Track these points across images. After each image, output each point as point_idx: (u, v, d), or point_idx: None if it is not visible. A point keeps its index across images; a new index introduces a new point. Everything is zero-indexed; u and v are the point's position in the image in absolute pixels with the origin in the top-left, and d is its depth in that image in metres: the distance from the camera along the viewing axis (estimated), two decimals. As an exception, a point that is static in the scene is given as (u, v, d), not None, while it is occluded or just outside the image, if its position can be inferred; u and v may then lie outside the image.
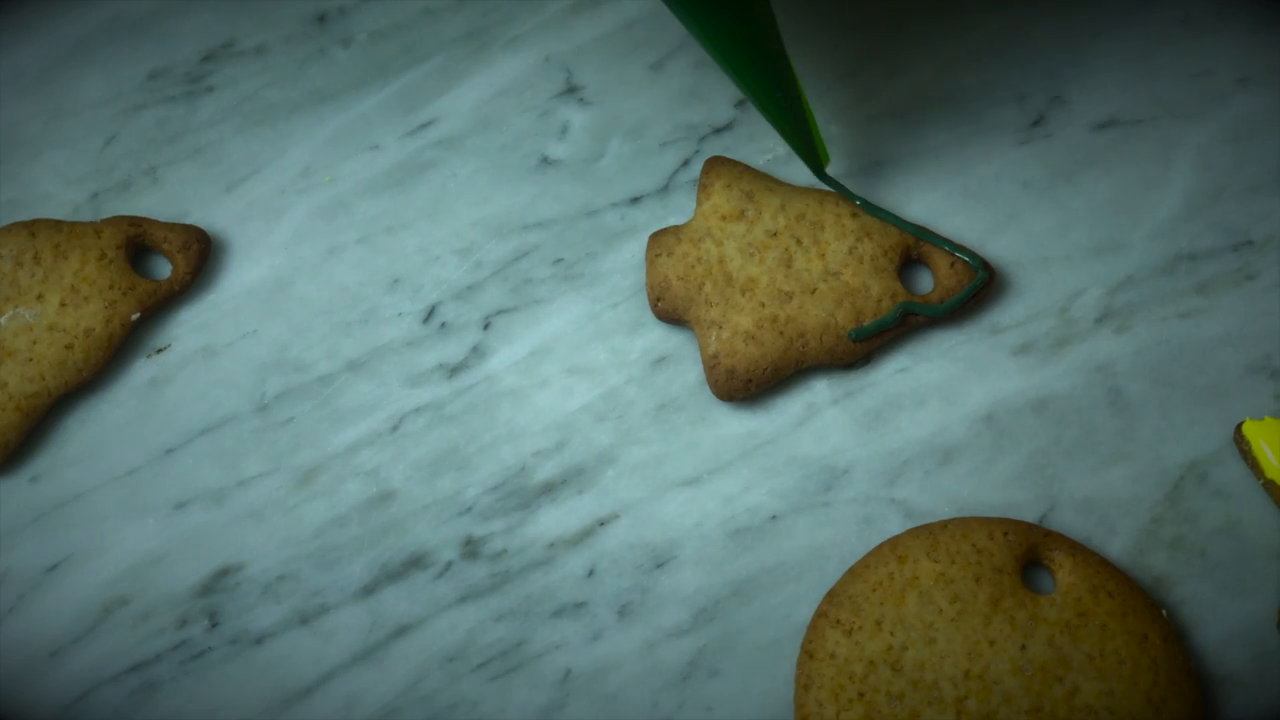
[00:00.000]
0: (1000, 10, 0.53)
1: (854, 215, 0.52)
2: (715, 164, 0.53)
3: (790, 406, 0.51)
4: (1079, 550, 0.48)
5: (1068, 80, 0.55)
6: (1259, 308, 0.52)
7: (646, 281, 0.52)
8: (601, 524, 0.50)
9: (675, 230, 0.52)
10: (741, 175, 0.53)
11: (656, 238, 0.52)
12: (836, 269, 0.51)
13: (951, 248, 0.51)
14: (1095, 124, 0.55)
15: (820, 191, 0.52)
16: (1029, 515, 0.49)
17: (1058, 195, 0.54)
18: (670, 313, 0.51)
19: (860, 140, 0.54)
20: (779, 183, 0.53)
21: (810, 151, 0.50)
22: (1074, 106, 0.53)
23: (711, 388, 0.51)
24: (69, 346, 0.50)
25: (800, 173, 0.54)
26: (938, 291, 0.51)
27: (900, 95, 0.55)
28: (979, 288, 0.51)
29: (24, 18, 0.56)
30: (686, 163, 0.54)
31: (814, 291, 0.51)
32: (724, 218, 0.52)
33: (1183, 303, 0.52)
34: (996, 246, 0.53)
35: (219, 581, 0.49)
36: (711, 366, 0.50)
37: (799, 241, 0.51)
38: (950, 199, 0.53)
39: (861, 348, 0.51)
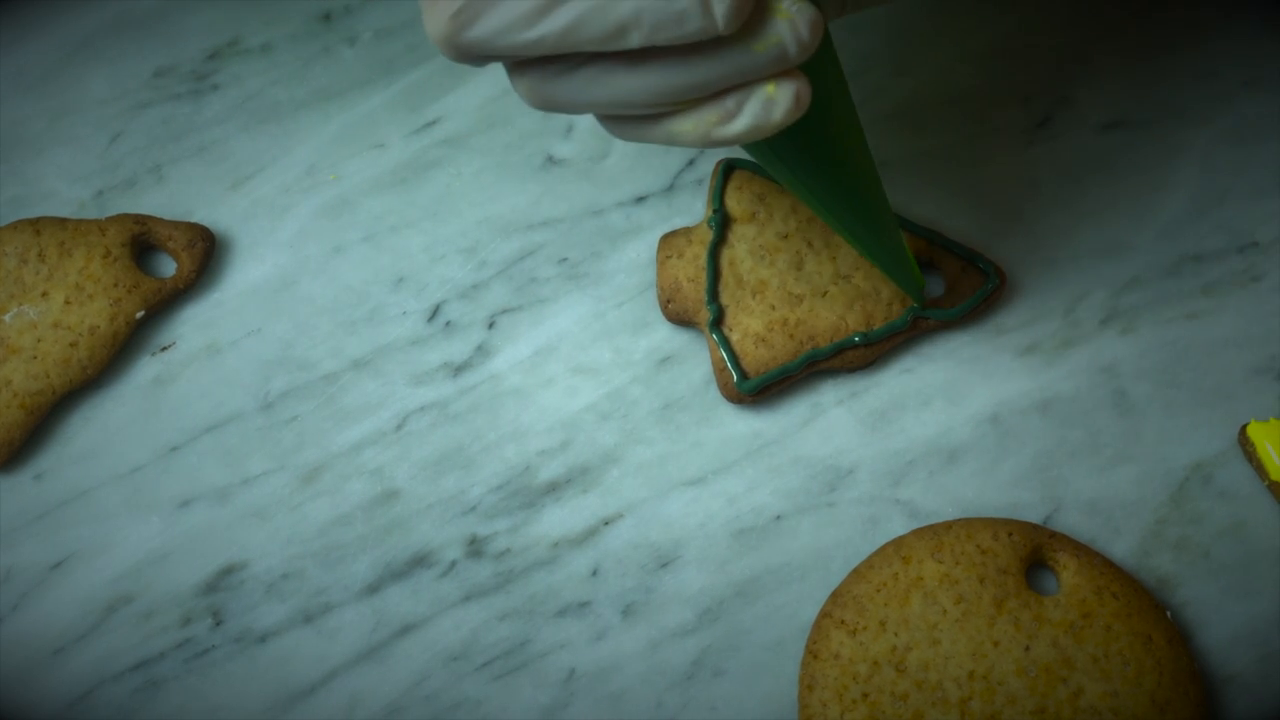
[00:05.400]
0: (1007, 11, 0.53)
1: None
2: (724, 166, 0.53)
3: (795, 407, 0.51)
4: (1084, 551, 0.48)
5: (1074, 82, 0.55)
6: (1264, 309, 0.52)
7: (657, 283, 0.52)
8: (606, 523, 0.50)
9: (686, 232, 0.52)
10: (752, 177, 0.52)
11: (667, 240, 0.52)
12: (847, 272, 0.51)
13: (963, 252, 0.51)
14: (1101, 125, 0.55)
15: None
16: (1034, 516, 0.49)
17: (1063, 196, 0.54)
18: (680, 314, 0.51)
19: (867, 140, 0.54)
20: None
21: (912, 285, 0.50)
22: (1080, 108, 0.53)
23: (721, 390, 0.50)
24: (74, 344, 0.50)
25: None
26: (948, 296, 0.51)
27: (907, 96, 0.55)
28: (990, 293, 0.51)
29: (29, 15, 0.57)
30: (692, 162, 0.54)
31: (825, 294, 0.51)
32: (735, 220, 0.52)
33: (1188, 304, 0.52)
34: (1002, 247, 0.53)
35: (223, 580, 0.49)
36: (721, 369, 0.50)
37: (810, 244, 0.51)
38: (956, 199, 0.53)
39: (871, 351, 0.51)
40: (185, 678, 0.48)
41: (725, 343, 0.50)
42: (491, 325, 0.52)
